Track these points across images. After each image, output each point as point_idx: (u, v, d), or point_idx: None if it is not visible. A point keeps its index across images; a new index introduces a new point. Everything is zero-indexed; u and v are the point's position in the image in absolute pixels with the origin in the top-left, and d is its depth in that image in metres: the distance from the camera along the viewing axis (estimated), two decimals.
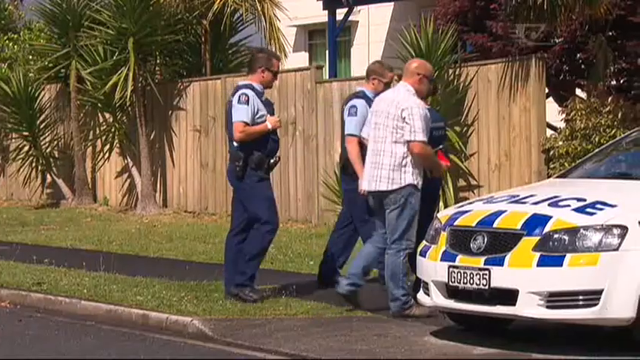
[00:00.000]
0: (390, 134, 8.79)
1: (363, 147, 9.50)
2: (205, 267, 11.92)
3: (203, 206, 17.78)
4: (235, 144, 9.69)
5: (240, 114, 9.57)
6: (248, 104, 9.58)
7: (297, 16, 21.90)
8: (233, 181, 9.80)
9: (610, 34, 15.14)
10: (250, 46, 19.90)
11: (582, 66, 15.52)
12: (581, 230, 7.37)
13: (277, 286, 10.26)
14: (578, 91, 15.51)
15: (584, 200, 7.64)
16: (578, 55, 15.58)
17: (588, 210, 7.50)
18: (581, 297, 7.28)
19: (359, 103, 9.91)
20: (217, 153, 17.57)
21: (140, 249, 13.74)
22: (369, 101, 9.77)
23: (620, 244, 7.26)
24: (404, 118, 8.75)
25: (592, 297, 7.25)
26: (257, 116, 9.62)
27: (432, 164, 9.03)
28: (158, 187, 18.51)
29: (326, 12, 20.03)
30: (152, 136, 18.62)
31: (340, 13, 20.08)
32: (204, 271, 11.30)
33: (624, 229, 7.28)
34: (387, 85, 10.04)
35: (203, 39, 18.75)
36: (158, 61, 19.05)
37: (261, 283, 10.27)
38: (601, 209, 7.48)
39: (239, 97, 9.66)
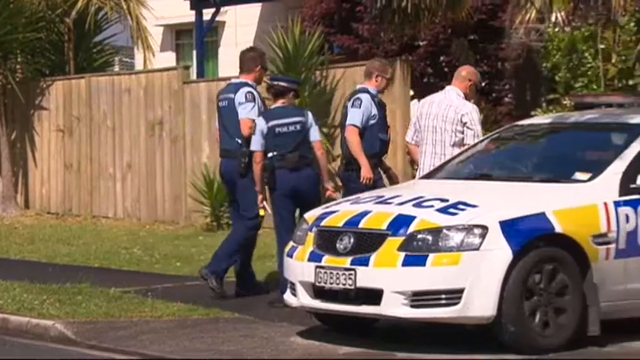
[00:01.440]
0: (449, 137, 9.44)
1: (361, 137, 9.74)
2: (69, 269, 11.71)
3: (67, 207, 17.46)
4: (239, 141, 9.88)
5: (248, 111, 9.81)
6: (254, 101, 9.87)
7: (164, 15, 21.71)
8: (233, 178, 9.94)
9: (472, 37, 15.45)
10: (115, 45, 19.65)
11: (446, 69, 15.80)
12: (444, 230, 7.48)
13: (143, 288, 10.15)
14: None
15: (447, 201, 7.76)
16: (442, 57, 15.86)
17: (451, 210, 7.62)
18: (443, 296, 7.39)
19: (364, 97, 9.98)
20: (82, 154, 17.28)
21: (0, 251, 13.43)
22: (374, 97, 9.96)
23: (481, 244, 7.40)
24: (465, 123, 9.46)
25: (454, 296, 7.36)
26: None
27: None
28: (20, 188, 18.11)
29: (193, 12, 19.91)
30: (13, 136, 18.20)
31: (208, 13, 19.98)
32: (68, 274, 11.08)
33: (485, 229, 7.42)
34: (389, 81, 10.39)
35: (67, 37, 18.42)
36: (19, 60, 18.63)
37: (127, 285, 10.15)
38: (463, 209, 7.61)
39: (245, 95, 9.91)
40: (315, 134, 9.65)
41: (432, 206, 7.73)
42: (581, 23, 13.47)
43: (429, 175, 9.04)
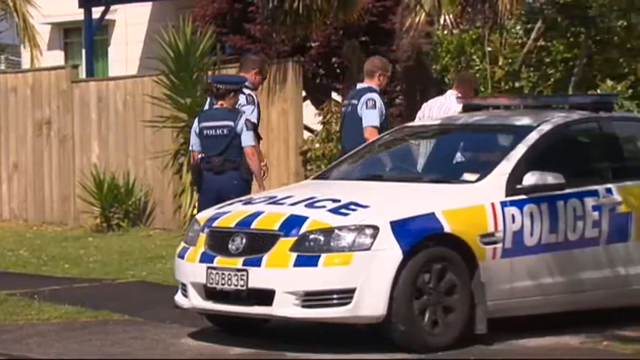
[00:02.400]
0: None
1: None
2: None
3: None
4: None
5: (248, 114, 9.76)
6: (254, 104, 9.94)
7: (52, 13, 21.38)
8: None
9: (363, 39, 15.57)
10: (1, 42, 19.27)
11: (337, 70, 15.90)
12: (336, 231, 7.52)
13: (30, 291, 9.97)
14: (334, 95, 15.86)
15: (339, 201, 7.80)
16: (334, 59, 15.95)
17: (342, 211, 7.67)
18: (335, 296, 7.43)
19: (375, 96, 10.10)
20: None
21: None
22: (380, 95, 10.19)
23: (372, 244, 7.45)
24: None
25: (345, 296, 7.41)
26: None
27: None
28: None
29: (82, 10, 19.65)
30: None
31: (97, 12, 19.74)
32: None
33: (376, 229, 7.48)
34: (390, 79, 10.62)
35: None
36: None
37: (13, 288, 9.97)
38: (354, 210, 7.66)
39: (246, 98, 9.91)
40: (246, 139, 9.66)
41: (324, 207, 7.76)
42: (469, 26, 13.68)
43: (321, 176, 9.08)
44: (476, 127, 8.89)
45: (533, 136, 8.25)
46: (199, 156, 9.64)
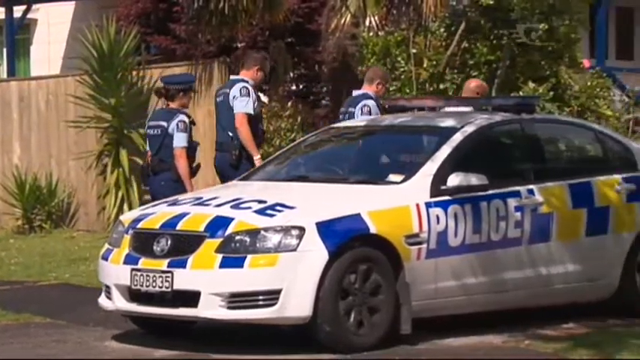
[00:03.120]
0: None
1: None
2: None
3: None
4: (231, 134, 10.18)
5: (243, 105, 10.10)
6: (249, 96, 10.12)
7: None
8: (226, 170, 10.17)
9: (290, 40, 15.58)
10: None
11: None
12: (262, 232, 7.52)
13: None
14: (260, 95, 15.84)
15: (265, 202, 7.79)
16: None
17: (268, 212, 7.66)
18: (261, 297, 7.42)
19: (371, 103, 10.38)
20: None
21: None
22: (377, 102, 10.44)
23: (298, 245, 7.46)
24: None
25: (271, 297, 7.40)
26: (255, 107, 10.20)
27: None
28: None
29: (3, 9, 19.38)
30: None
31: (18, 11, 19.49)
32: None
33: (302, 230, 7.49)
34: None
35: None
36: None
37: None
38: (280, 211, 7.66)
39: (240, 89, 10.15)
40: (177, 140, 9.70)
41: (249, 208, 7.75)
42: (394, 28, 13.76)
43: (247, 177, 9.07)
44: (401, 128, 8.95)
45: (457, 138, 8.32)
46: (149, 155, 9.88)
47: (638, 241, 8.84)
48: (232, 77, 10.76)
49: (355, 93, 10.78)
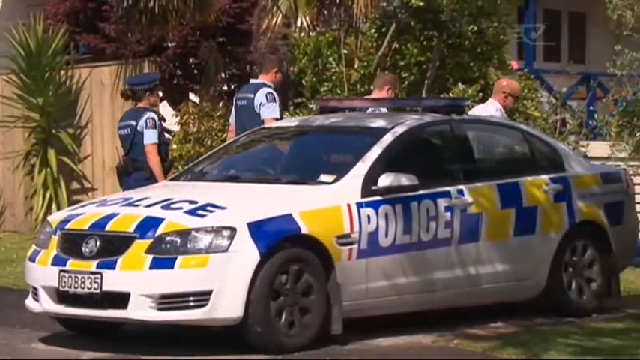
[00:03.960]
0: None
1: None
2: None
3: None
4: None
5: (271, 111, 10.04)
6: (275, 101, 10.05)
7: None
8: None
9: (221, 40, 15.53)
10: None
11: (195, 71, 15.81)
12: (192, 232, 7.48)
13: None
14: (191, 96, 15.77)
15: (196, 203, 7.76)
16: (191, 59, 15.85)
17: (199, 212, 7.63)
18: (191, 298, 7.39)
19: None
20: None
21: None
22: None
23: (229, 246, 7.44)
24: None
25: (202, 298, 7.37)
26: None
27: None
28: None
29: None
30: None
31: None
32: None
33: (233, 231, 7.47)
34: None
35: None
36: None
37: None
38: (211, 211, 7.63)
39: (266, 95, 10.04)
40: (147, 138, 9.72)
41: (180, 208, 7.71)
42: (326, 29, 13.79)
43: (177, 177, 9.02)
44: (332, 128, 8.96)
45: (387, 138, 8.36)
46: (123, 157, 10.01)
47: (565, 241, 8.96)
48: (253, 81, 10.77)
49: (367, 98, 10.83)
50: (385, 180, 8.06)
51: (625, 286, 9.80)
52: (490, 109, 10.71)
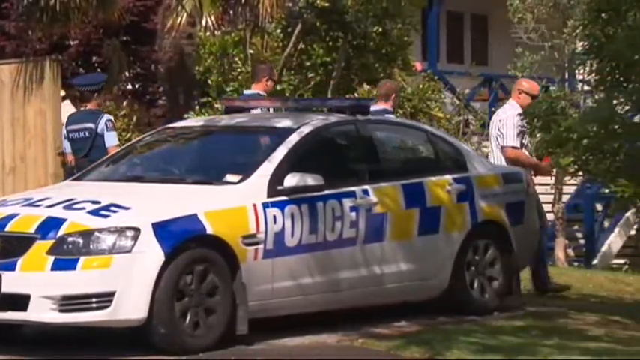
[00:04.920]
0: (494, 142, 10.25)
1: None
2: None
3: None
4: None
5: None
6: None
7: None
8: None
9: (125, 39, 15.40)
10: None
11: (98, 69, 15.63)
12: (95, 233, 7.39)
13: None
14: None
15: (100, 203, 7.67)
16: (94, 58, 15.69)
17: (103, 213, 7.54)
18: (94, 299, 7.29)
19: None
20: None
21: None
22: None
23: (133, 246, 7.36)
24: (499, 128, 10.19)
25: (105, 299, 7.29)
26: None
27: (528, 167, 9.98)
28: None
29: None
30: None
31: None
32: None
33: (137, 231, 7.40)
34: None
35: None
36: None
37: None
38: (115, 212, 7.55)
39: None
40: (109, 140, 9.68)
41: (83, 209, 7.61)
42: (231, 28, 13.76)
43: (80, 177, 8.90)
44: (238, 128, 8.94)
45: (293, 138, 8.37)
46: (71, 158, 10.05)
47: (468, 241, 9.06)
48: (246, 92, 10.98)
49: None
50: (291, 180, 8.07)
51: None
52: (506, 108, 10.47)
